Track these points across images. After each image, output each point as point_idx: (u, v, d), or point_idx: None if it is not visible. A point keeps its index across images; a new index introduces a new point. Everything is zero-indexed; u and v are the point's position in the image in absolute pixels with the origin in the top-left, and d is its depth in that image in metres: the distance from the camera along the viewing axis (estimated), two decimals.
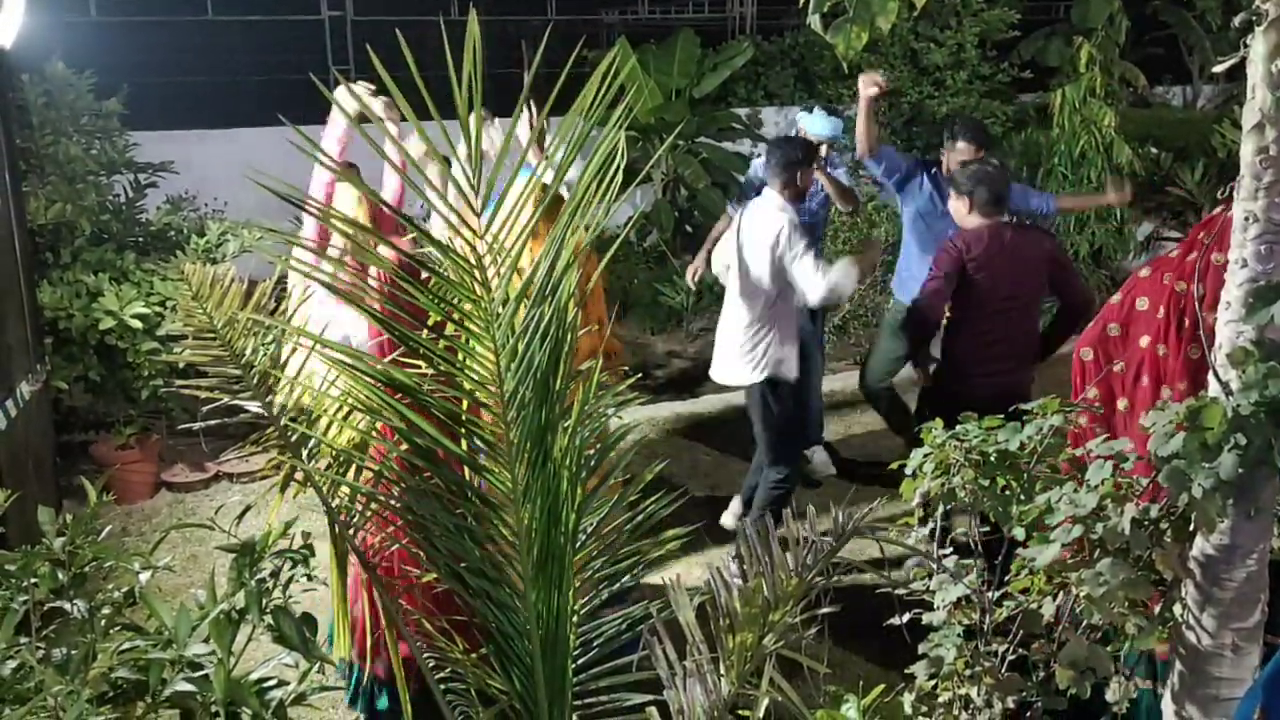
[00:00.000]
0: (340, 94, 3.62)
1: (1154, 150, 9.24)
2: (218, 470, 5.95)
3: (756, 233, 4.71)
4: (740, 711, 2.13)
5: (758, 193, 5.03)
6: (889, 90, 5.25)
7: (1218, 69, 2.49)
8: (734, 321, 4.85)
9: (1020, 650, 2.67)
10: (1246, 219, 2.32)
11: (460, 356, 2.18)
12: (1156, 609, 2.55)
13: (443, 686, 2.47)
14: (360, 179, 2.73)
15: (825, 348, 5.73)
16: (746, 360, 4.80)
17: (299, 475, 2.70)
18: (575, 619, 2.39)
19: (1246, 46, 2.30)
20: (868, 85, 5.20)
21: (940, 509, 2.74)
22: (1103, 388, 3.23)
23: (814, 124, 5.61)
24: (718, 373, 5.00)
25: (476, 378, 2.17)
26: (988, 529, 2.78)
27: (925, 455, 2.79)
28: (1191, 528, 2.44)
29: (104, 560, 2.21)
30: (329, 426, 2.65)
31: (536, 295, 2.16)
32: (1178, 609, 2.50)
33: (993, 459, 2.71)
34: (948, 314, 4.58)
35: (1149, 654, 2.86)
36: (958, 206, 4.55)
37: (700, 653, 2.15)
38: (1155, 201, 9.23)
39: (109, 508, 5.53)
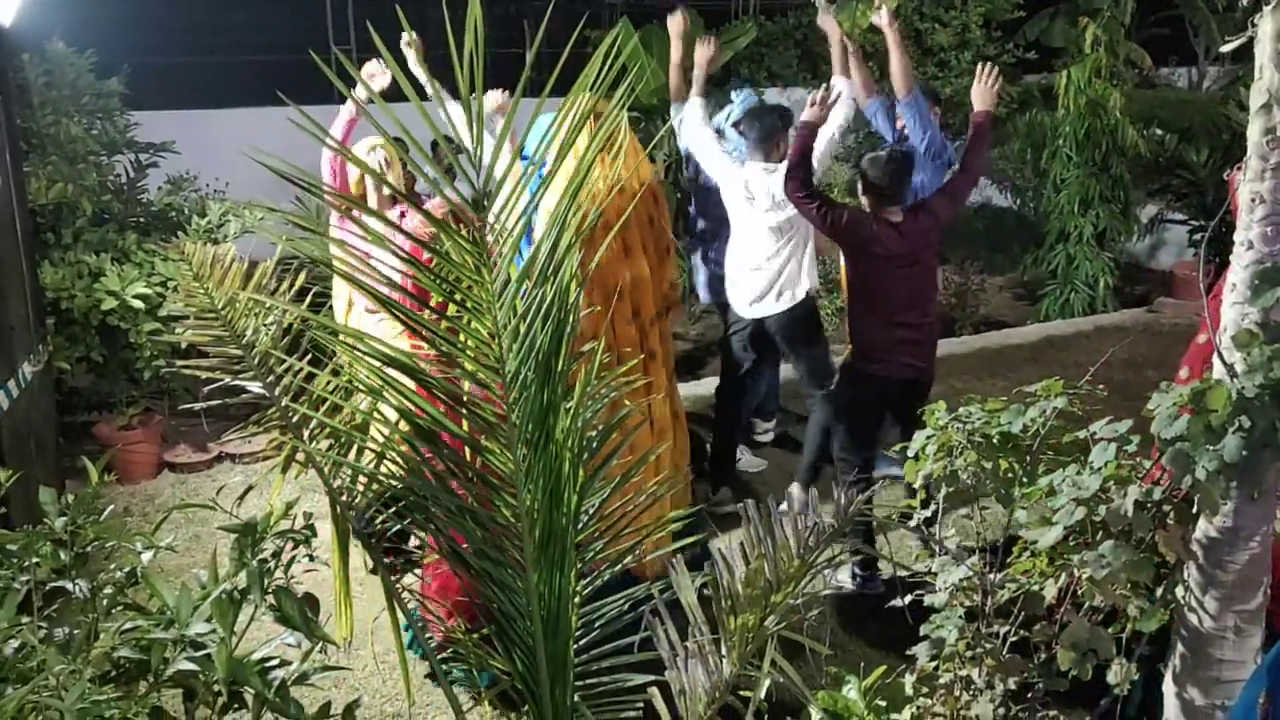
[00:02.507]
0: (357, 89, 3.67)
1: (1159, 132, 9.19)
2: (220, 451, 5.96)
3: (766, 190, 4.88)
4: (741, 692, 2.13)
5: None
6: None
7: (1225, 49, 2.47)
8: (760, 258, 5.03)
9: (1022, 632, 2.68)
10: (1253, 200, 2.31)
11: (461, 337, 2.18)
12: (1158, 591, 2.55)
13: (445, 667, 2.47)
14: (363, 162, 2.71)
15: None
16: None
17: (300, 456, 2.70)
18: (577, 600, 2.39)
19: (1254, 26, 2.28)
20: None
21: (943, 491, 2.74)
22: None
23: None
24: (754, 308, 5.12)
25: (479, 358, 2.16)
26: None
27: (928, 438, 2.78)
28: (1195, 510, 2.44)
29: (106, 540, 2.21)
30: (330, 407, 2.64)
31: (538, 276, 2.15)
32: (1180, 591, 2.50)
33: (995, 441, 2.71)
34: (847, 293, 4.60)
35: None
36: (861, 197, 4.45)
37: (702, 634, 2.15)
38: (1160, 184, 9.19)
39: (111, 488, 5.55)
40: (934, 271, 4.65)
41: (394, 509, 2.51)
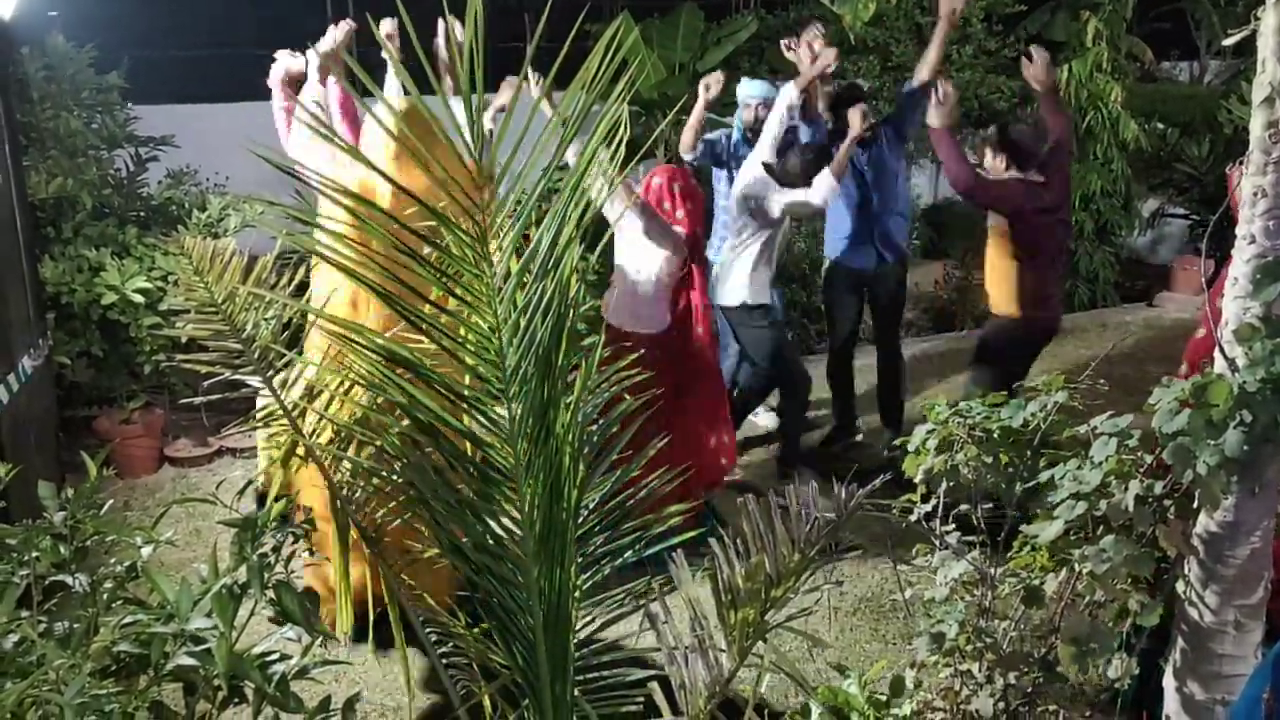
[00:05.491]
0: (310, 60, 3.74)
1: (1160, 126, 9.17)
2: (220, 445, 5.95)
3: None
4: (742, 687, 2.13)
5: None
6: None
7: (1227, 42, 2.46)
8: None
9: (1022, 626, 2.68)
10: (1255, 194, 2.31)
11: (462, 331, 2.17)
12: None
13: (445, 661, 2.47)
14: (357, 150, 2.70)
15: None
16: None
17: (300, 450, 2.70)
18: (577, 594, 2.39)
19: (1256, 20, 2.27)
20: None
21: (944, 486, 2.73)
22: None
23: (748, 87, 5.95)
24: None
25: (479, 353, 2.16)
26: (990, 506, 2.78)
27: (929, 432, 2.78)
28: (1195, 504, 2.43)
29: (106, 534, 2.21)
30: (330, 402, 2.64)
31: (539, 270, 2.14)
32: (1180, 586, 2.50)
33: (996, 435, 2.71)
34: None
35: None
36: (995, 163, 4.96)
37: (702, 628, 2.15)
38: (1161, 178, 9.17)
39: (111, 482, 5.55)
40: (1070, 216, 5.33)
41: (394, 503, 2.51)
